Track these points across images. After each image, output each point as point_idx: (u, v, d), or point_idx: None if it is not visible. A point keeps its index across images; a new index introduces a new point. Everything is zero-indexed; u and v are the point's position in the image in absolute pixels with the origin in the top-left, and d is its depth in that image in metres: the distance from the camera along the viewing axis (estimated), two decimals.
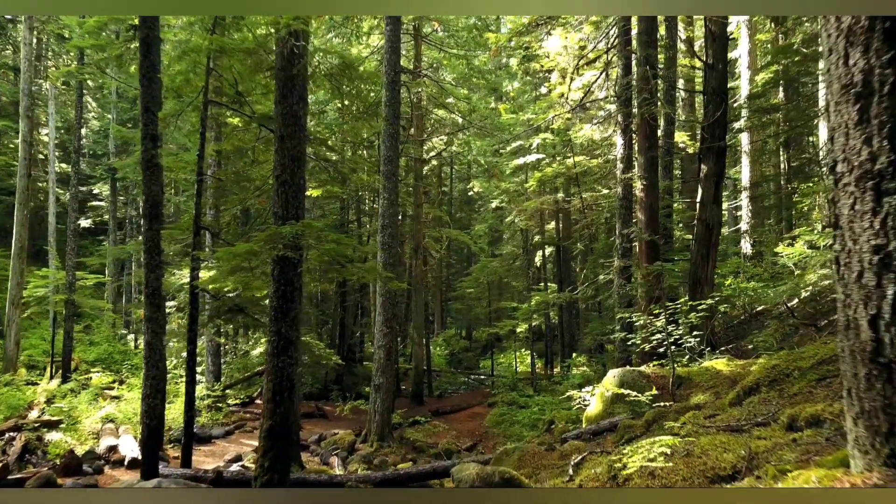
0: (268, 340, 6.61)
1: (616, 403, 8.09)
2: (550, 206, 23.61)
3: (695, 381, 7.85)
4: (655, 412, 6.62)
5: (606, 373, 17.39)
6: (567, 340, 26.35)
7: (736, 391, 5.54)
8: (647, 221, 12.05)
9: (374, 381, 13.84)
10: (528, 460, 6.84)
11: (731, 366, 8.00)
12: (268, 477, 6.22)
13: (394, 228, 13.97)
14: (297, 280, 6.65)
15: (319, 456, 12.54)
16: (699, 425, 4.40)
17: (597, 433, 7.45)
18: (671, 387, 7.37)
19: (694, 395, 7.37)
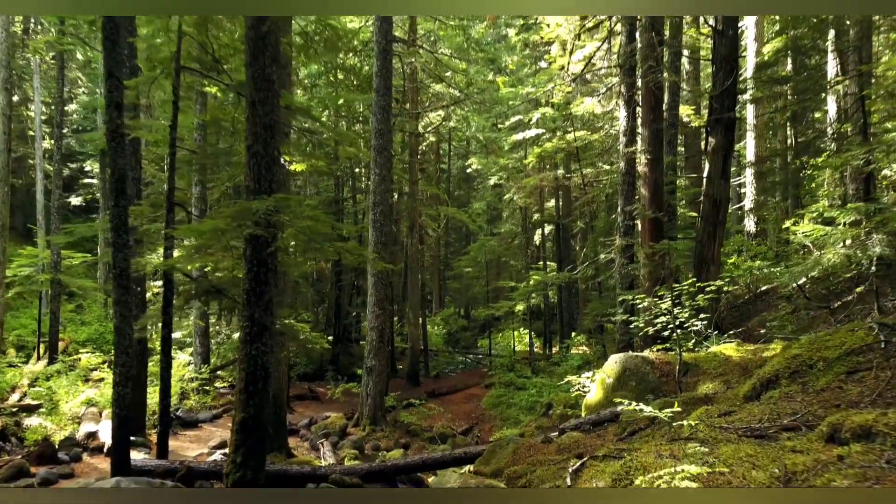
0: (240, 327, 6.07)
1: (617, 391, 7.59)
2: (550, 183, 22.98)
3: (702, 367, 7.34)
4: (661, 402, 6.10)
5: (606, 354, 16.97)
6: (566, 320, 25.93)
7: (752, 383, 5.01)
8: (650, 198, 11.46)
9: (366, 364, 13.37)
10: (522, 455, 6.35)
11: (740, 351, 7.48)
12: (240, 474, 5.73)
13: (386, 206, 13.39)
14: (272, 260, 6.10)
15: (309, 441, 12.12)
16: (714, 426, 3.87)
17: (597, 423, 6.96)
18: (677, 374, 6.86)
19: (702, 384, 6.86)
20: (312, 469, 7.40)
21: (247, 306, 6.03)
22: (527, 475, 5.49)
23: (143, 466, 7.46)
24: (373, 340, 13.24)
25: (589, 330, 20.45)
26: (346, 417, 14.24)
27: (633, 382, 7.46)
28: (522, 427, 13.16)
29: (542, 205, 25.75)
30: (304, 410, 15.48)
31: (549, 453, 6.27)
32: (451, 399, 18.22)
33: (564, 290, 22.93)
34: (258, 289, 6.04)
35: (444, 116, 24.82)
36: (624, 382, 7.56)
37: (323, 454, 11.26)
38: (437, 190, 23.16)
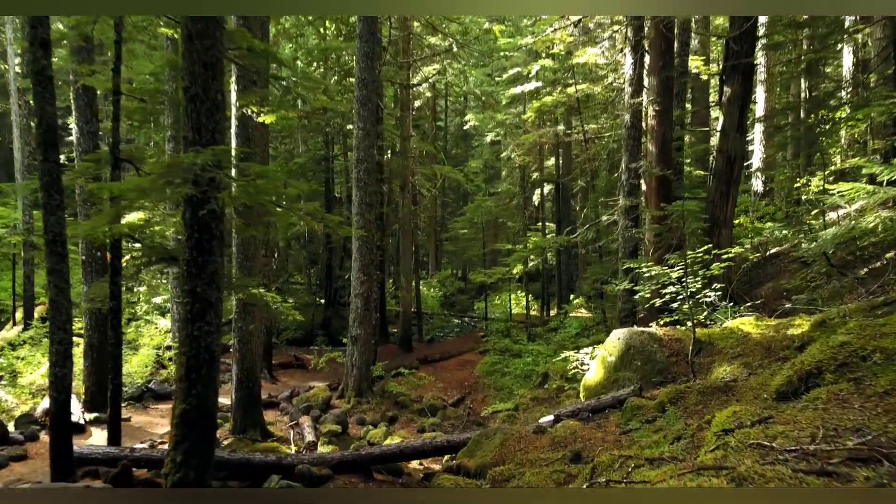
0: (180, 302, 5.17)
1: (620, 371, 6.75)
2: (550, 140, 21.84)
3: (717, 346, 6.48)
4: (671, 391, 5.25)
5: (606, 321, 16.17)
6: (565, 282, 25.13)
7: (787, 375, 4.13)
8: (658, 154, 10.44)
9: (350, 333, 12.55)
10: (511, 448, 5.53)
11: (760, 327, 6.61)
12: (181, 475, 4.92)
13: (371, 163, 12.36)
14: (217, 225, 5.15)
15: (289, 415, 11.37)
16: (750, 443, 2.99)
17: (597, 410, 6.13)
18: (690, 354, 5.99)
19: (718, 365, 6.01)
20: (278, 458, 6.60)
21: (187, 279, 5.11)
22: (515, 478, 4.67)
23: (89, 455, 6.68)
24: (357, 308, 12.38)
25: (588, 295, 19.65)
26: (332, 388, 13.51)
27: (637, 362, 6.61)
28: (517, 400, 12.45)
29: (542, 163, 24.63)
30: (288, 380, 14.75)
31: (542, 447, 5.45)
32: (443, 366, 17.51)
33: (563, 251, 22.04)
34: (200, 259, 5.11)
35: (439, 70, 23.48)
36: (628, 362, 6.71)
37: (302, 430, 10.53)
38: (431, 147, 22.01)
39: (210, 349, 5.13)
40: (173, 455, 5.00)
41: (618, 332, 7.05)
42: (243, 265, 9.40)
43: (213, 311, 5.17)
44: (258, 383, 9.71)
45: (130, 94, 7.35)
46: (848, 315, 6.05)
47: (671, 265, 6.93)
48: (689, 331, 6.85)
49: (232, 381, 9.62)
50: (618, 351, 6.83)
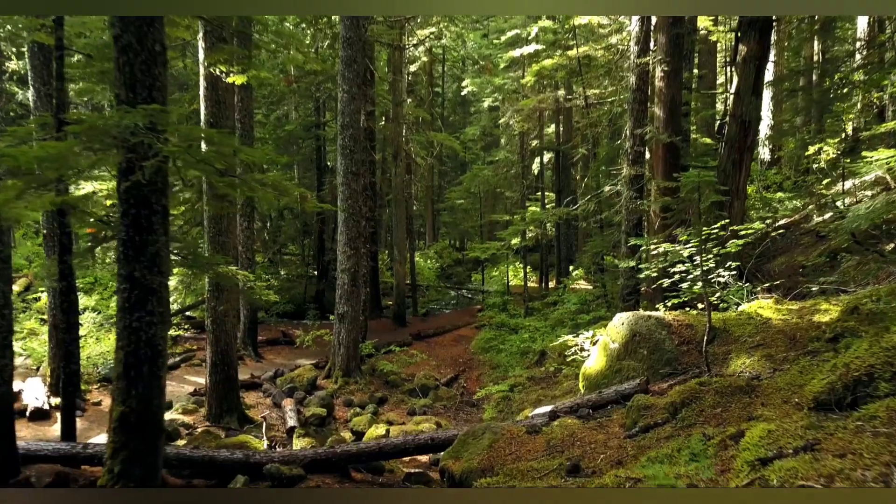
0: (117, 290, 4.46)
1: (624, 360, 6.09)
2: (550, 106, 20.88)
3: (733, 333, 5.79)
4: (684, 391, 4.57)
5: (606, 296, 15.50)
6: (564, 254, 24.43)
7: (827, 380, 3.43)
8: (666, 118, 9.63)
9: (337, 310, 11.89)
10: (500, 451, 4.88)
11: (781, 311, 5.91)
12: (119, 487, 4.28)
13: (356, 129, 11.53)
14: (159, 199, 4.42)
15: (272, 396, 10.78)
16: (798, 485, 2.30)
17: (598, 406, 5.47)
18: (704, 343, 5.30)
19: (735, 357, 5.32)
20: (245, 456, 5.97)
21: (123, 262, 4.39)
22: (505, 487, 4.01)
23: (37, 451, 6.04)
24: (344, 284, 11.70)
25: (588, 268, 18.97)
26: (319, 366, 12.91)
27: (643, 351, 5.93)
28: (512, 380, 11.85)
29: (542, 130, 23.71)
30: (274, 357, 14.15)
31: (536, 452, 4.80)
32: (437, 342, 16.92)
33: (563, 222, 21.26)
34: (138, 238, 4.38)
35: (435, 33, 22.38)
36: (633, 350, 6.04)
37: (284, 414, 9.95)
38: (426, 113, 21.07)
39: (152, 343, 4.44)
40: (111, 465, 4.34)
41: (622, 317, 6.37)
42: (215, 240, 8.68)
43: (155, 298, 4.47)
44: (234, 366, 9.07)
45: (78, 51, 6.52)
46: (881, 300, 5.36)
47: (682, 241, 6.20)
48: (701, 315, 6.17)
49: (206, 364, 8.98)
50: (622, 337, 6.15)
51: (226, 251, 8.73)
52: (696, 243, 6.00)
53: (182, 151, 3.91)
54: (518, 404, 10.42)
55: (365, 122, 13.78)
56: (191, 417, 8.96)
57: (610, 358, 6.24)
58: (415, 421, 10.16)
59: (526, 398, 10.78)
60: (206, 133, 4.50)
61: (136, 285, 4.40)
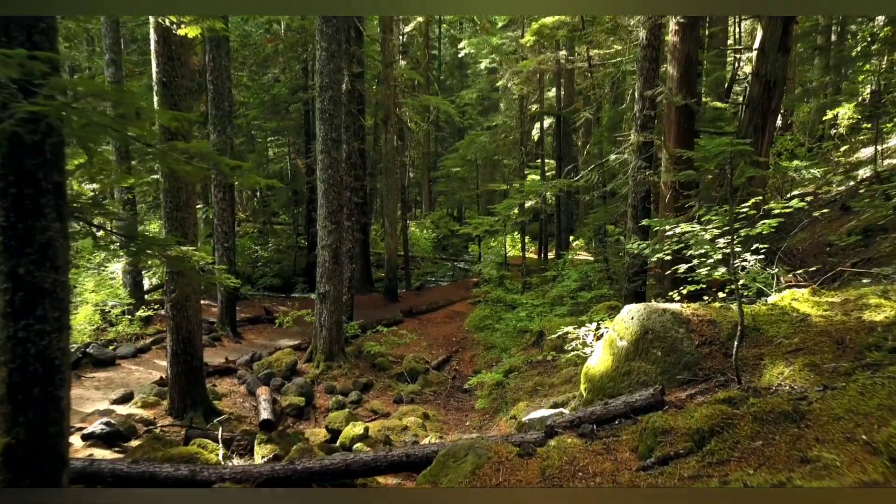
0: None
1: (634, 361, 5.19)
2: (550, 68, 19.65)
3: (764, 332, 4.88)
4: (712, 415, 3.68)
5: (608, 271, 14.59)
6: (564, 224, 23.46)
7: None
8: (680, 78, 8.57)
9: (318, 290, 11.00)
10: (486, 480, 4.02)
11: (821, 305, 4.99)
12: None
13: (336, 91, 10.45)
14: (49, 175, 3.47)
15: (247, 384, 9.96)
16: None
17: (604, 420, 4.59)
18: (735, 349, 4.39)
19: (770, 363, 4.42)
20: (191, 472, 5.12)
21: (5, 256, 3.45)
22: None
23: None
24: (325, 262, 10.77)
25: (590, 240, 18.03)
26: (301, 348, 12.09)
27: (657, 351, 5.03)
28: (508, 363, 11.02)
29: (542, 94, 22.49)
30: (254, 338, 13.31)
31: (528, 480, 3.94)
32: (430, 318, 16.10)
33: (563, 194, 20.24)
34: (22, 225, 3.43)
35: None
36: (644, 350, 5.13)
37: (258, 405, 9.13)
38: (419, 76, 19.86)
39: (45, 357, 3.52)
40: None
41: (631, 309, 5.45)
42: (172, 216, 7.72)
43: (48, 301, 3.54)
44: (199, 355, 8.20)
45: None
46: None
47: (701, 220, 5.25)
48: (725, 309, 5.25)
49: (167, 353, 8.11)
50: (631, 334, 5.25)
51: (185, 228, 7.78)
52: (719, 223, 5.06)
53: (55, 110, 2.93)
54: (513, 392, 9.61)
55: (349, 83, 12.69)
56: (151, 412, 8.13)
57: (617, 357, 5.35)
58: (400, 412, 9.36)
59: (522, 385, 9.96)
60: (90, 87, 3.50)
61: (21, 285, 3.46)
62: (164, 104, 7.55)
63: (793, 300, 5.25)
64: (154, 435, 6.52)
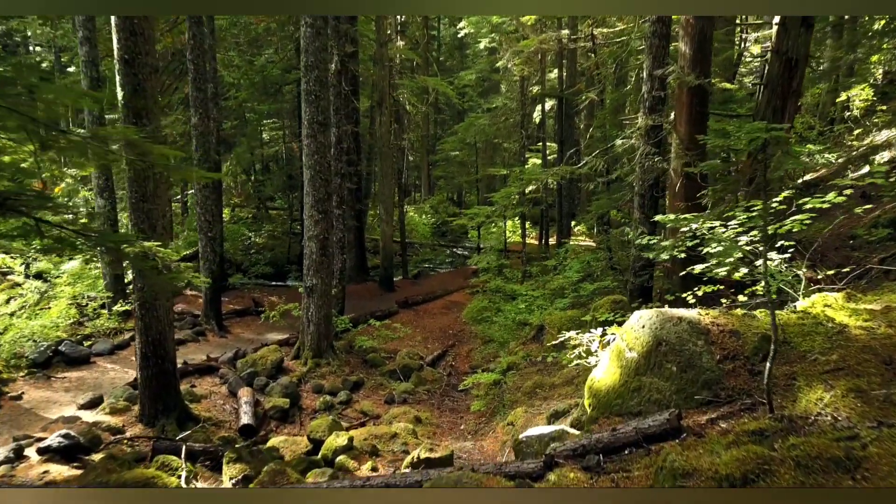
0: None
1: (646, 375, 4.58)
2: (552, 47, 18.85)
3: (796, 346, 4.25)
4: (746, 458, 3.06)
5: (611, 259, 13.94)
6: (566, 209, 22.77)
7: None
8: (693, 55, 7.86)
9: (305, 283, 10.39)
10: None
11: (860, 314, 4.36)
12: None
13: (322, 70, 9.75)
14: None
15: (228, 384, 9.39)
16: None
17: (611, 450, 3.99)
18: (768, 371, 3.77)
19: (805, 385, 3.80)
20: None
21: None
22: None
23: None
24: (312, 253, 10.15)
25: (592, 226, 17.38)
26: (290, 343, 11.50)
27: (672, 366, 4.42)
28: (506, 359, 10.44)
29: (543, 75, 21.68)
30: (241, 331, 12.72)
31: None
32: (427, 309, 15.52)
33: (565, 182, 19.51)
34: None
35: None
36: (657, 364, 4.52)
37: (239, 408, 8.57)
38: (416, 56, 19.09)
39: None
40: None
41: (642, 317, 4.83)
42: (138, 208, 7.08)
43: None
44: (170, 357, 7.60)
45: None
46: None
47: (726, 216, 4.61)
48: (748, 317, 4.62)
49: (136, 356, 7.51)
50: (642, 345, 4.64)
51: (152, 220, 7.15)
52: (742, 218, 4.42)
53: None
54: (511, 393, 9.04)
55: (339, 63, 11.97)
56: (120, 419, 7.56)
57: (626, 370, 4.74)
58: (391, 414, 8.80)
59: (521, 384, 9.39)
60: None
61: None
62: (127, 84, 6.88)
63: (825, 306, 4.62)
64: (110, 454, 5.93)
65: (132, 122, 6.97)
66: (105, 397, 8.29)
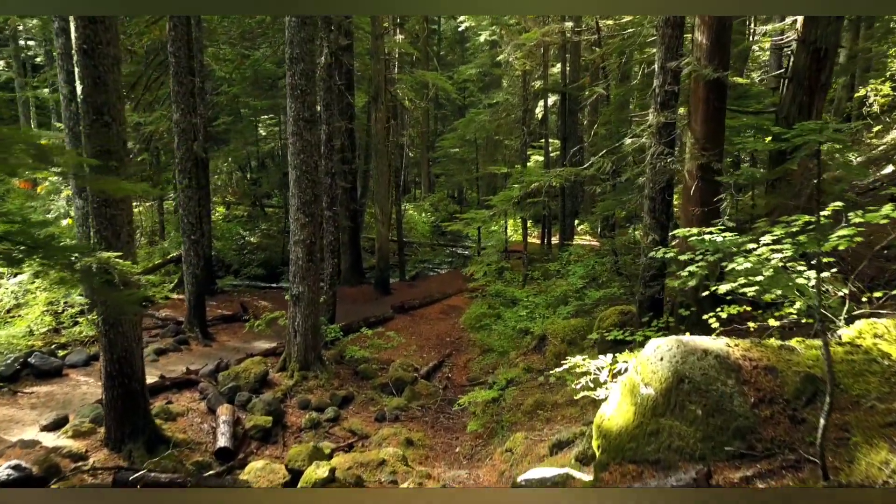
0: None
1: (665, 417, 3.93)
2: (555, 41, 18.14)
3: (847, 388, 3.59)
4: None
5: (616, 262, 13.24)
6: (569, 208, 22.08)
7: None
8: (711, 46, 7.17)
9: (291, 291, 9.75)
10: None
11: None
12: None
13: (308, 63, 9.08)
14: None
15: (207, 400, 8.75)
16: None
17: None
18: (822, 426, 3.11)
19: (864, 442, 3.15)
20: None
21: None
22: None
23: None
24: (299, 259, 9.51)
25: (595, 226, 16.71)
26: (277, 353, 10.86)
27: (697, 409, 3.76)
28: (505, 376, 9.79)
29: (546, 69, 20.96)
30: (227, 339, 12.08)
31: None
32: (424, 314, 14.88)
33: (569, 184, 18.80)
34: None
35: None
36: (679, 404, 3.87)
37: (217, 428, 7.94)
38: (415, 50, 18.39)
39: None
40: None
41: (660, 347, 4.16)
42: (101, 213, 6.44)
43: None
44: (137, 376, 6.97)
45: None
46: None
47: (757, 232, 3.96)
48: (786, 350, 3.96)
49: (101, 375, 6.89)
50: (660, 380, 3.99)
51: (116, 227, 6.51)
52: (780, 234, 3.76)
53: None
54: (510, 412, 8.40)
55: (329, 56, 11.29)
56: (84, 443, 6.94)
57: (641, 409, 4.09)
58: (380, 436, 8.16)
59: (521, 400, 8.75)
60: None
61: None
62: (86, 77, 6.24)
63: (876, 336, 3.96)
64: (69, 485, 5.30)
65: (93, 119, 6.34)
66: (71, 417, 7.66)
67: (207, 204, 14.91)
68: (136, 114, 14.20)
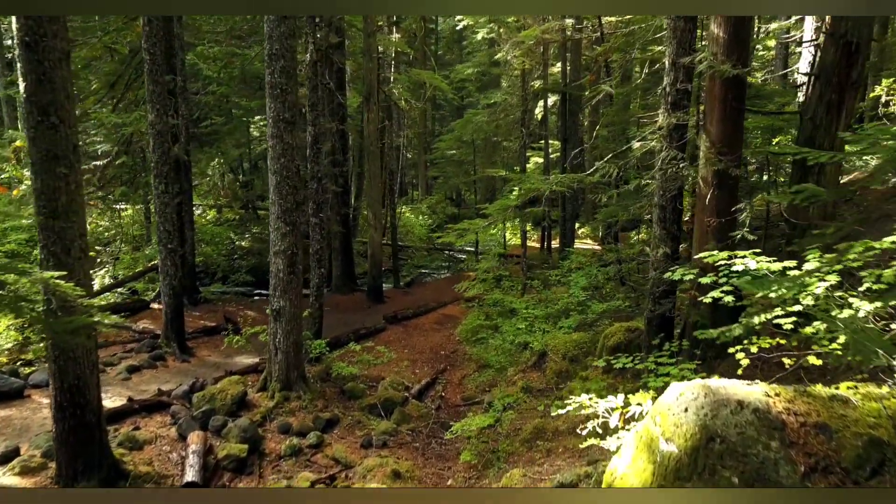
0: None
1: (691, 480, 3.24)
2: (555, 38, 17.46)
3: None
4: None
5: (620, 270, 12.55)
6: (570, 212, 21.39)
7: None
8: (728, 40, 6.48)
9: (271, 305, 9.06)
10: None
11: None
12: None
13: (289, 60, 8.39)
14: None
15: (178, 425, 8.05)
16: None
17: None
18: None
19: None
20: None
21: None
22: None
23: None
24: (279, 272, 8.81)
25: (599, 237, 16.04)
26: (259, 370, 10.16)
27: (732, 476, 3.07)
28: (502, 401, 9.07)
29: (546, 68, 20.28)
30: (207, 354, 11.38)
31: None
32: (417, 324, 14.20)
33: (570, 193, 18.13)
34: None
35: None
36: (709, 468, 3.17)
37: (185, 458, 7.26)
38: (407, 47, 17.71)
39: None
40: None
41: (682, 393, 3.47)
42: (48, 227, 5.75)
43: None
44: (92, 406, 6.27)
45: None
46: None
47: (799, 258, 3.29)
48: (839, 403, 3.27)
49: (51, 406, 6.20)
50: (684, 436, 3.31)
51: (66, 242, 5.82)
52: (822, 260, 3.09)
53: None
54: (507, 440, 7.72)
55: (314, 53, 10.60)
56: (32, 480, 6.25)
57: (661, 469, 3.40)
58: (365, 467, 7.48)
59: (520, 425, 8.08)
60: None
61: None
62: (30, 73, 5.56)
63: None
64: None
65: (38, 121, 5.65)
66: (23, 448, 6.97)
67: (190, 209, 14.22)
68: (115, 115, 13.52)
